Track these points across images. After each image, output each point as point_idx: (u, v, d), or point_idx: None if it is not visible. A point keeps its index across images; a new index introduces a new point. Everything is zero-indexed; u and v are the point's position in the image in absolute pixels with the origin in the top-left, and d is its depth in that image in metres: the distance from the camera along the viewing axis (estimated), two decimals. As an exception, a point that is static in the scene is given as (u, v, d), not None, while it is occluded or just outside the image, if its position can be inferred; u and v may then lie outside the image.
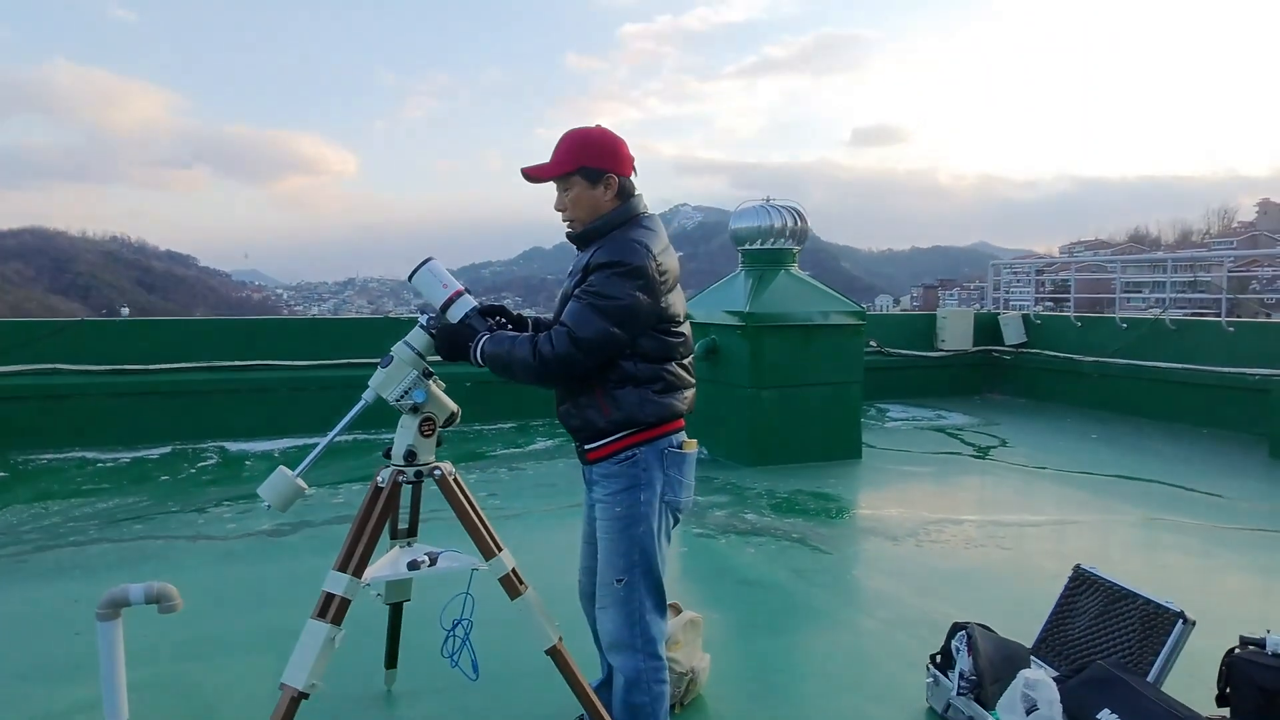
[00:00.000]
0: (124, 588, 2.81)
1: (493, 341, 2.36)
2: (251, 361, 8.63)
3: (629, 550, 2.36)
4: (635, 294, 2.24)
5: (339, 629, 2.37)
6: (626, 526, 2.35)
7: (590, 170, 2.36)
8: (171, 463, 7.37)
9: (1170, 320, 10.07)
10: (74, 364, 8.05)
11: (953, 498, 6.41)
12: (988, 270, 15.31)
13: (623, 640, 2.38)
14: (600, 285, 2.25)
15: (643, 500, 2.35)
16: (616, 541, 2.37)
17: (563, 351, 2.24)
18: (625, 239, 2.31)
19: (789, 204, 7.49)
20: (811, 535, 5.23)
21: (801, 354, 7.16)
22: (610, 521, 2.38)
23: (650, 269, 2.27)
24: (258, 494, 2.45)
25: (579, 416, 2.39)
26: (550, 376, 2.31)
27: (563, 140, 2.41)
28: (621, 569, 2.36)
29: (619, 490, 2.36)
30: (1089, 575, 3.09)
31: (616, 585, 2.37)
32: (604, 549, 2.40)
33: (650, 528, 2.37)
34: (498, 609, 2.67)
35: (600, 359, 2.28)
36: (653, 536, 2.38)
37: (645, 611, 2.38)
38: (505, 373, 2.35)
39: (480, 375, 9.11)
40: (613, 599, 2.38)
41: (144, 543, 5.15)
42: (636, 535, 2.35)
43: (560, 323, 2.29)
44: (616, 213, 2.39)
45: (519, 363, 2.29)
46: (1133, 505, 6.11)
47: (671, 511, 2.44)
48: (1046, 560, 4.76)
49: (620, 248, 2.28)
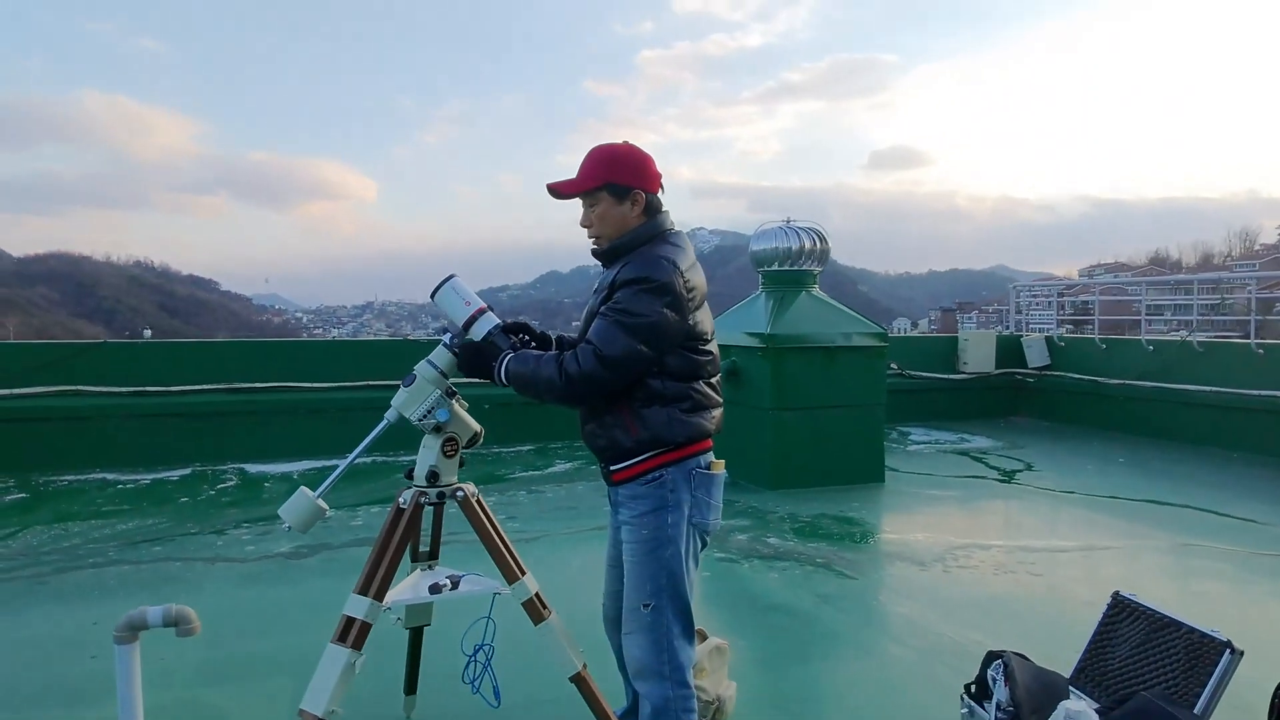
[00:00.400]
0: (142, 610, 2.77)
1: (517, 360, 2.32)
2: (272, 383, 8.65)
3: (656, 574, 2.29)
4: (663, 311, 2.20)
5: (359, 654, 2.32)
6: (654, 549, 2.29)
7: (617, 186, 2.33)
8: (191, 484, 7.36)
9: (1197, 342, 9.92)
10: (96, 385, 8.09)
11: (979, 522, 6.29)
12: (1007, 293, 15.17)
13: (650, 667, 2.31)
14: (627, 302, 2.20)
15: (670, 522, 2.29)
16: (644, 565, 2.31)
17: (589, 370, 2.19)
18: (652, 255, 2.27)
19: (810, 225, 7.45)
20: (836, 560, 5.13)
21: (823, 375, 7.08)
22: (637, 544, 2.32)
23: (678, 285, 2.23)
24: (278, 515, 2.41)
25: (605, 436, 2.34)
26: (576, 396, 2.26)
27: (589, 156, 2.37)
28: (649, 593, 2.30)
29: (646, 512, 2.30)
30: (1129, 603, 2.99)
31: (644, 610, 2.30)
32: (631, 573, 2.34)
33: (678, 550, 2.30)
34: (521, 634, 2.61)
35: (627, 377, 2.23)
36: (680, 560, 2.31)
37: (673, 637, 2.31)
38: (530, 392, 2.31)
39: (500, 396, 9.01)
40: (639, 624, 2.32)
41: (163, 565, 5.12)
42: (664, 558, 2.29)
43: (586, 341, 2.25)
44: (643, 229, 2.35)
45: (544, 382, 2.25)
46: (1164, 530, 5.97)
47: (699, 534, 2.38)
48: (1078, 587, 4.64)
49: (647, 264, 2.24)
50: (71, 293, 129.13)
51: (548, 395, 2.27)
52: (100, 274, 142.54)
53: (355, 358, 9.33)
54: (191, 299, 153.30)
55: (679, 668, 2.32)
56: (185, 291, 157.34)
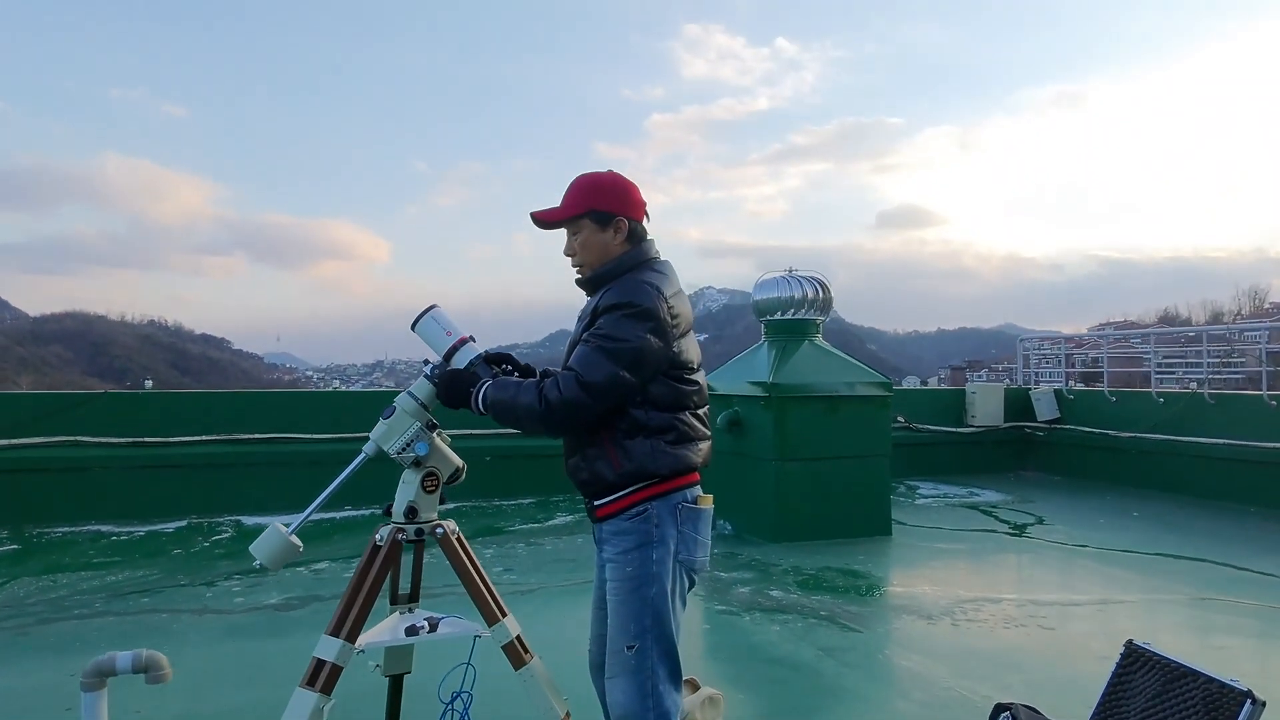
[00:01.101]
0: (111, 655, 2.66)
1: (496, 387, 2.24)
2: (271, 434, 8.58)
3: (641, 613, 2.17)
4: (646, 336, 2.13)
5: (329, 699, 2.20)
6: (638, 587, 2.18)
7: (599, 214, 2.28)
8: (186, 536, 7.25)
9: (1209, 394, 9.78)
10: (96, 436, 8.04)
11: (989, 576, 6.11)
12: (1016, 350, 15.07)
13: (633, 713, 2.17)
14: (609, 328, 2.14)
15: (655, 559, 2.18)
16: (627, 603, 2.19)
17: (570, 397, 2.11)
18: (636, 281, 2.21)
19: (812, 275, 7.43)
20: (840, 613, 4.97)
21: (827, 425, 6.98)
22: (621, 582, 2.20)
23: (662, 311, 2.17)
24: (249, 552, 2.31)
25: (587, 469, 2.24)
26: (557, 424, 2.17)
27: (572, 185, 2.32)
28: (633, 634, 2.17)
29: (630, 548, 2.19)
30: (1144, 652, 2.85)
31: (627, 652, 2.17)
32: (614, 612, 2.21)
33: (663, 589, 2.19)
34: (502, 681, 2.49)
35: (609, 404, 2.15)
36: (666, 598, 2.19)
37: (658, 681, 2.18)
38: (509, 420, 2.22)
39: (501, 448, 8.93)
40: (623, 667, 2.18)
41: (148, 616, 5.00)
42: (649, 597, 2.17)
43: (568, 367, 2.18)
44: (627, 257, 2.28)
45: (523, 409, 2.16)
46: (1181, 584, 5.78)
47: (686, 572, 2.25)
48: (1092, 641, 4.46)
49: (630, 289, 2.18)
50: (85, 351, 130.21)
51: (527, 423, 2.18)
52: (114, 333, 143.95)
53: (355, 409, 9.26)
54: (203, 357, 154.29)
55: (665, 714, 2.17)
56: (197, 350, 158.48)
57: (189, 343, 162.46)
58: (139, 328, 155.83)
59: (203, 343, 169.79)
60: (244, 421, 8.61)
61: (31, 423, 7.91)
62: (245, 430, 8.55)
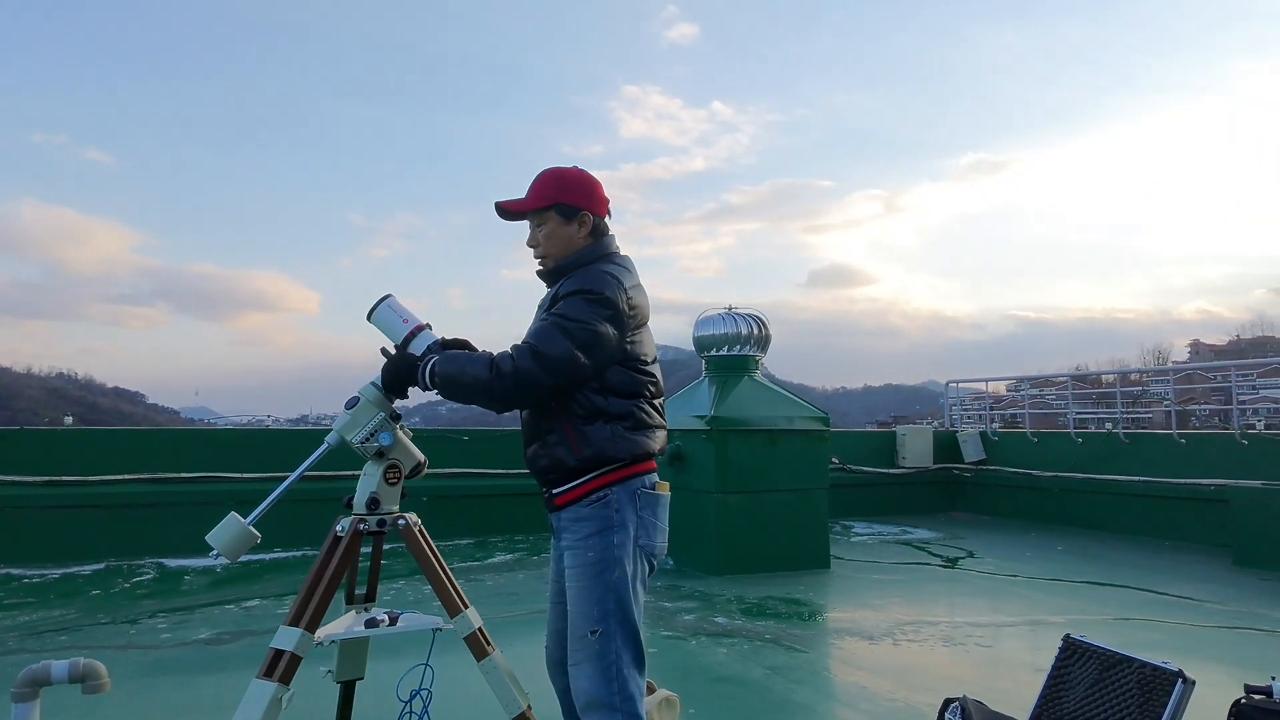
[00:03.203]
0: (45, 664, 2.56)
1: (445, 360, 2.21)
2: (196, 474, 8.27)
3: (603, 598, 2.16)
4: (603, 323, 2.15)
5: (288, 689, 2.15)
6: (600, 572, 2.17)
7: (565, 207, 2.31)
8: (105, 578, 6.91)
9: (1124, 434, 10.25)
10: (7, 475, 7.63)
11: (925, 602, 6.24)
12: (939, 404, 15.52)
13: (600, 698, 2.15)
14: (567, 308, 2.16)
15: (616, 543, 2.18)
16: (590, 589, 2.17)
17: (524, 367, 2.10)
18: (597, 270, 2.25)
19: (751, 312, 7.61)
20: (785, 636, 5.01)
21: (767, 458, 7.09)
22: (582, 568, 2.19)
23: (620, 301, 2.20)
24: (206, 541, 2.26)
25: (547, 456, 2.24)
26: (507, 395, 2.15)
27: (539, 177, 2.36)
28: (596, 619, 2.16)
29: (590, 534, 2.19)
30: (1079, 644, 2.98)
31: (590, 637, 2.16)
32: (575, 599, 2.20)
33: (625, 573, 2.18)
34: (462, 678, 2.46)
35: (559, 382, 2.15)
36: (628, 583, 2.19)
37: (623, 665, 2.17)
38: (458, 392, 2.19)
39: (439, 488, 8.74)
40: (586, 653, 2.17)
41: (69, 653, 4.73)
42: (610, 581, 2.17)
43: (525, 340, 2.17)
44: (589, 250, 2.32)
45: (472, 380, 2.14)
46: (1106, 606, 6.01)
47: (646, 557, 2.26)
48: (1026, 655, 4.61)
49: (591, 278, 2.22)
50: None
51: (476, 395, 2.16)
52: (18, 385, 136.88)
53: (284, 447, 9.01)
54: (114, 411, 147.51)
55: (630, 698, 2.16)
56: (109, 404, 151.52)
57: (100, 396, 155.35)
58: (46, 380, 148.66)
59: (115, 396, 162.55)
60: (167, 460, 8.28)
61: (-62, 461, 7.50)
62: (167, 469, 8.22)
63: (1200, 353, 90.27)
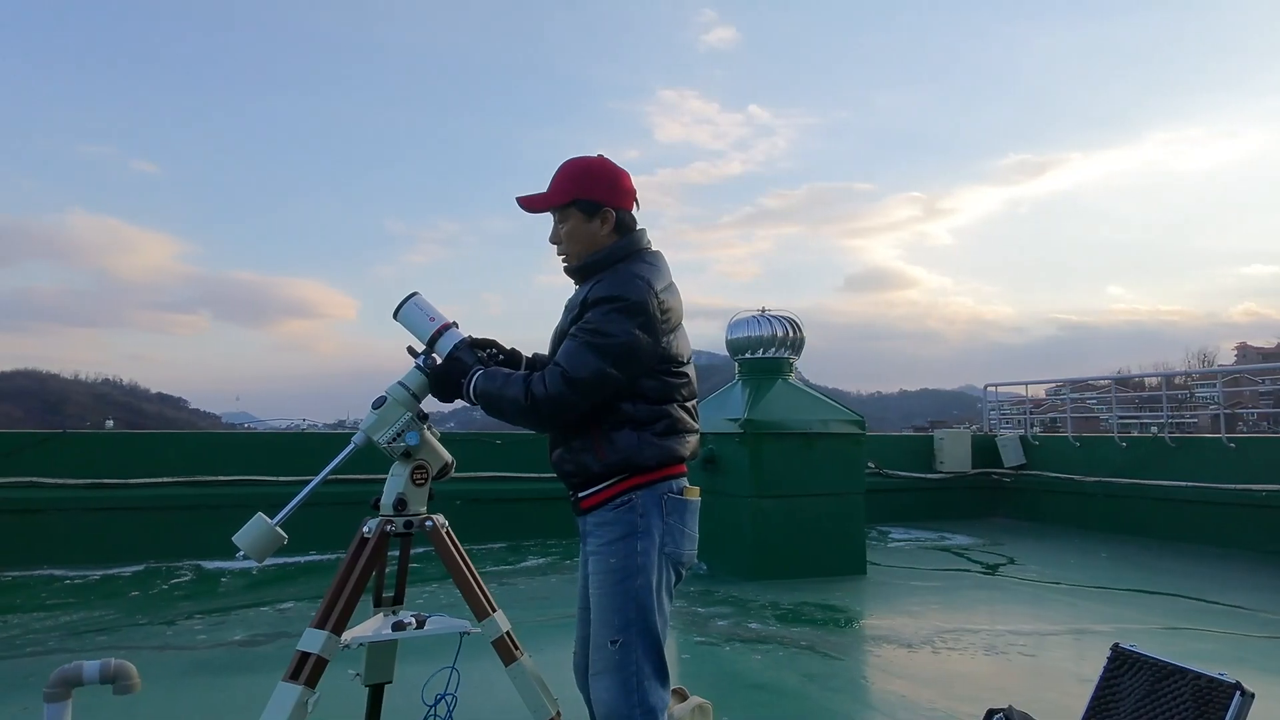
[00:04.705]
0: (77, 664, 2.57)
1: (485, 378, 2.20)
2: (234, 477, 8.37)
3: (625, 606, 2.09)
4: (635, 332, 2.08)
5: (313, 692, 2.13)
6: (622, 579, 2.10)
7: (586, 203, 2.22)
8: (144, 580, 7.00)
9: (1170, 438, 9.98)
10: (52, 477, 7.78)
11: (965, 610, 6.09)
12: (978, 410, 15.23)
13: (619, 711, 2.06)
14: (598, 322, 2.08)
15: (640, 550, 2.11)
16: (611, 596, 2.11)
17: (555, 392, 2.06)
18: (627, 273, 2.16)
19: (784, 314, 7.52)
20: (820, 643, 4.92)
21: (802, 461, 6.99)
22: (604, 575, 2.12)
23: (652, 305, 2.11)
24: (232, 542, 2.25)
25: (573, 461, 2.19)
26: (542, 419, 2.13)
27: (560, 170, 2.27)
28: (617, 628, 2.09)
29: (614, 539, 2.13)
30: (1130, 654, 2.86)
31: (611, 647, 2.09)
32: (598, 607, 2.13)
33: (649, 581, 2.11)
34: (491, 683, 2.42)
35: (595, 400, 2.10)
36: (651, 591, 2.11)
37: (643, 677, 2.08)
38: (496, 412, 2.18)
39: (472, 492, 8.76)
40: (606, 663, 2.09)
41: (107, 653, 4.77)
42: (633, 589, 2.10)
43: (555, 363, 2.12)
44: (617, 246, 2.23)
45: (509, 402, 2.13)
46: (1154, 616, 5.82)
47: (673, 566, 2.18)
48: (1072, 665, 4.47)
49: (620, 282, 2.12)
50: (36, 410, 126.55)
51: (514, 417, 2.15)
52: (67, 391, 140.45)
53: (322, 450, 9.09)
54: (159, 416, 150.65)
55: (650, 711, 2.08)
56: (153, 409, 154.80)
57: (145, 401, 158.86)
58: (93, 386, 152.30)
59: (159, 401, 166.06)
60: (206, 464, 8.39)
61: (-14, 463, 7.65)
62: (207, 473, 8.33)
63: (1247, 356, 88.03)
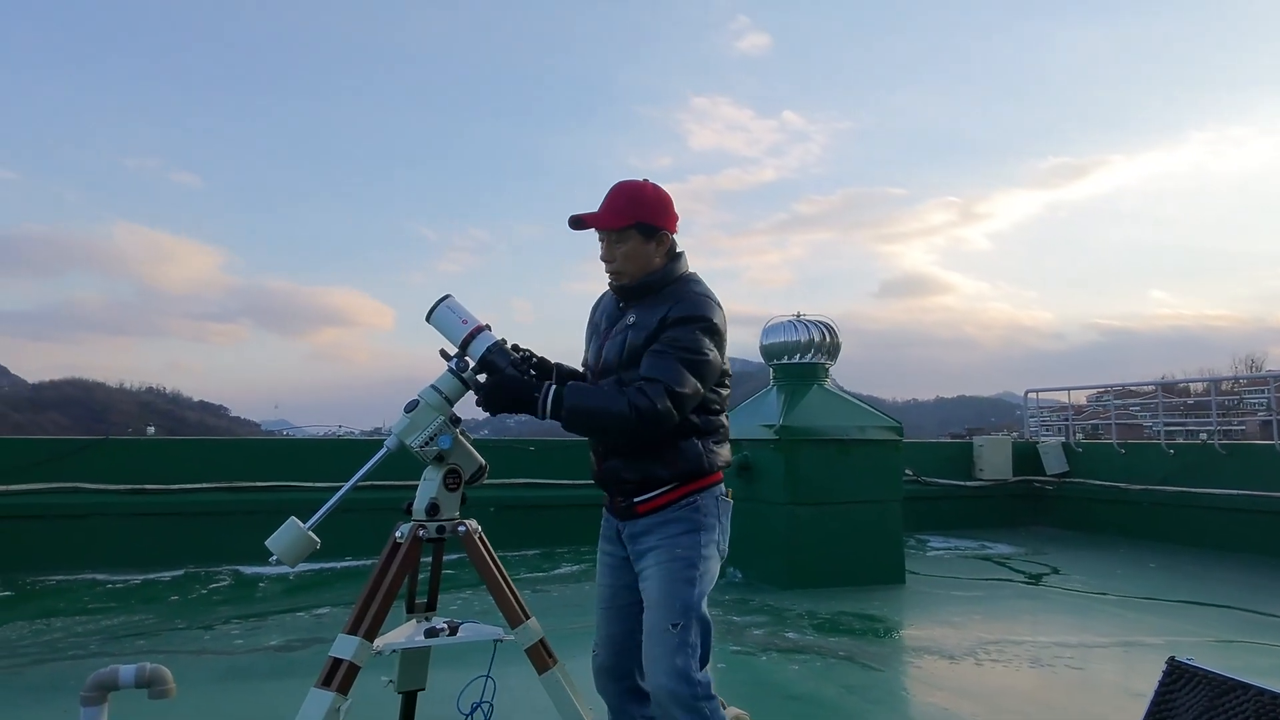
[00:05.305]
0: (113, 669, 2.57)
1: (575, 393, 2.22)
2: (271, 483, 8.44)
3: (686, 594, 2.23)
4: (713, 349, 2.26)
5: (345, 699, 2.10)
6: (685, 568, 2.24)
7: (646, 226, 2.32)
8: (183, 584, 7.09)
9: (1220, 445, 9.70)
10: (94, 483, 7.90)
11: (1008, 621, 5.94)
12: (1016, 417, 14.99)
13: (679, 689, 2.18)
14: (687, 340, 2.22)
15: (703, 543, 2.28)
16: (674, 584, 2.23)
17: (663, 407, 2.16)
18: (699, 294, 2.31)
19: (820, 319, 7.42)
20: (859, 653, 4.82)
21: (839, 468, 6.88)
22: (668, 564, 2.25)
23: (722, 325, 2.31)
24: (265, 546, 2.23)
25: (636, 469, 2.28)
26: (644, 431, 2.20)
27: (617, 192, 2.35)
28: (678, 612, 2.21)
29: (679, 533, 2.27)
30: (1188, 668, 2.73)
31: (672, 630, 2.20)
32: (659, 594, 2.24)
33: (709, 570, 2.29)
34: (526, 691, 2.38)
35: (688, 413, 2.24)
36: (710, 581, 2.29)
37: (697, 659, 2.23)
38: (587, 425, 2.24)
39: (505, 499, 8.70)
40: (665, 647, 2.20)
41: (146, 658, 4.78)
42: (694, 578, 2.25)
43: (652, 378, 2.18)
44: (670, 268, 2.35)
45: (613, 416, 2.17)
46: (1207, 629, 5.62)
47: (720, 561, 2.37)
48: (1122, 679, 4.33)
49: (699, 302, 2.28)
50: (82, 418, 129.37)
51: (614, 429, 2.22)
52: (112, 400, 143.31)
53: (357, 457, 9.13)
54: (200, 425, 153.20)
55: (706, 688, 2.22)
56: (195, 417, 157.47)
57: (187, 410, 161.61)
58: (137, 394, 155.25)
59: (201, 410, 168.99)
60: (244, 470, 8.49)
61: (31, 468, 7.80)
62: (245, 479, 8.42)
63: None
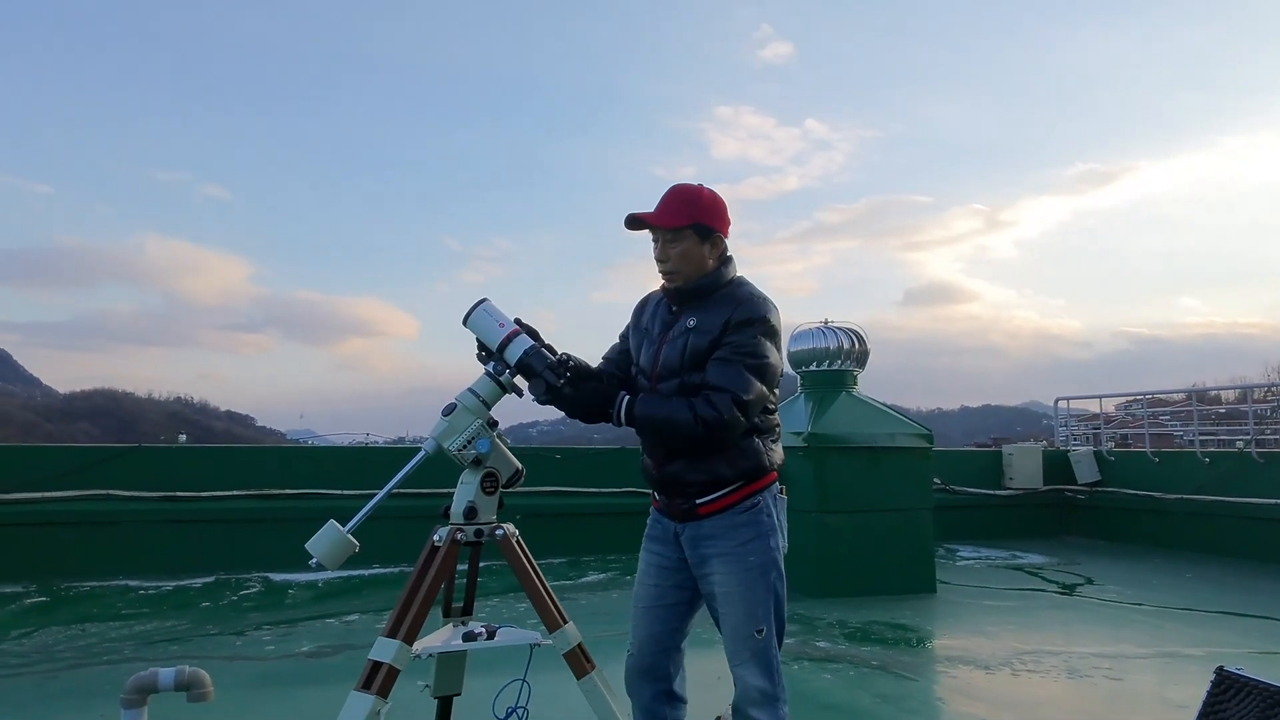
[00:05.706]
0: (153, 672, 2.59)
1: (644, 404, 2.29)
2: (301, 490, 8.50)
3: (766, 598, 2.27)
4: (773, 351, 2.30)
5: (385, 702, 2.10)
6: (762, 574, 2.27)
7: (703, 228, 2.34)
8: (214, 591, 7.14)
9: (1257, 454, 9.52)
10: (128, 490, 7.99)
11: (1042, 631, 5.85)
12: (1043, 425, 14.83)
13: (769, 693, 2.24)
14: (752, 345, 2.25)
15: (773, 546, 2.31)
16: (754, 589, 2.26)
17: (729, 416, 2.19)
18: (758, 296, 2.33)
19: (848, 326, 7.38)
20: (892, 663, 4.76)
21: (869, 477, 6.82)
22: (745, 572, 2.27)
23: (779, 325, 2.34)
24: (305, 549, 2.24)
25: (701, 470, 2.28)
26: (714, 440, 2.24)
27: (676, 194, 2.37)
28: (760, 618, 2.26)
29: (750, 539, 2.28)
30: (1237, 678, 2.67)
31: (757, 636, 2.25)
32: (739, 600, 2.27)
33: (781, 573, 2.32)
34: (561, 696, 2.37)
35: (754, 418, 2.27)
36: (784, 583, 2.32)
37: (780, 661, 2.30)
38: (656, 433, 2.29)
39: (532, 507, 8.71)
40: (752, 651, 2.25)
41: (179, 662, 4.82)
42: (771, 583, 2.28)
43: (719, 388, 2.21)
44: (723, 271, 2.37)
45: (681, 426, 2.21)
46: (1248, 639, 5.52)
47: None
48: (1164, 690, 4.25)
49: (759, 305, 2.30)
50: (112, 428, 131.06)
51: (683, 438, 2.24)
52: (141, 410, 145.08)
53: (384, 465, 9.20)
54: (226, 434, 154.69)
55: (784, 688, 2.29)
56: (222, 427, 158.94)
57: (214, 419, 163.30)
58: (166, 404, 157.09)
59: (228, 419, 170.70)
60: (274, 477, 8.55)
61: (65, 476, 7.90)
62: (275, 486, 8.48)
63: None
